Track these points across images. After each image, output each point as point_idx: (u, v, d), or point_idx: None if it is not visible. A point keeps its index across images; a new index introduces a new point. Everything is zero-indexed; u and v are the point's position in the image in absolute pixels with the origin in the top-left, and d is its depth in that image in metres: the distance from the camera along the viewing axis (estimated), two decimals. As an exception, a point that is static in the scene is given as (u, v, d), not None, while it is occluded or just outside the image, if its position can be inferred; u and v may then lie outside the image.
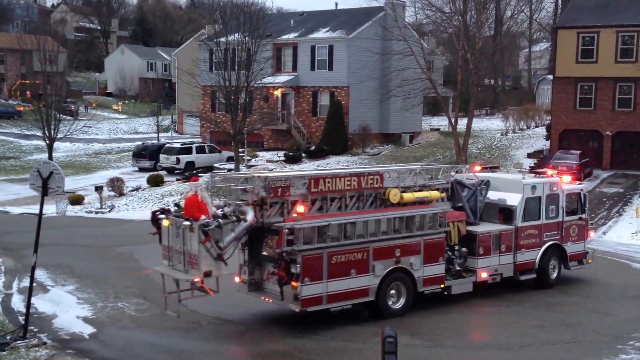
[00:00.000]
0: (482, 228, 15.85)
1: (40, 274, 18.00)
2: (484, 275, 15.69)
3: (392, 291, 14.41)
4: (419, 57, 33.82)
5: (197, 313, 15.01)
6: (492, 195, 16.22)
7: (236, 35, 35.33)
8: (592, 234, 18.53)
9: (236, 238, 13.08)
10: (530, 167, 32.40)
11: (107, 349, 12.97)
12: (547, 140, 39.16)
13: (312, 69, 42.67)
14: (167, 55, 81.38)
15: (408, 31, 38.55)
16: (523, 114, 49.50)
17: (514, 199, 16.07)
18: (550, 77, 42.91)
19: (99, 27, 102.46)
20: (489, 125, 52.15)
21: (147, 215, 30.80)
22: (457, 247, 15.46)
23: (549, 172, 17.94)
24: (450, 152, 37.28)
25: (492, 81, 64.66)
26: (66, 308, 15.46)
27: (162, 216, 13.57)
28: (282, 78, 42.90)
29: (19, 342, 12.82)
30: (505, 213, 16.15)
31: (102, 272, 19.05)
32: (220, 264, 12.82)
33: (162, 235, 13.67)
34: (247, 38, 34.97)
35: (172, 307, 13.53)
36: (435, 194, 15.26)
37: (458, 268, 15.46)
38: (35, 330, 13.81)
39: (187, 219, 12.75)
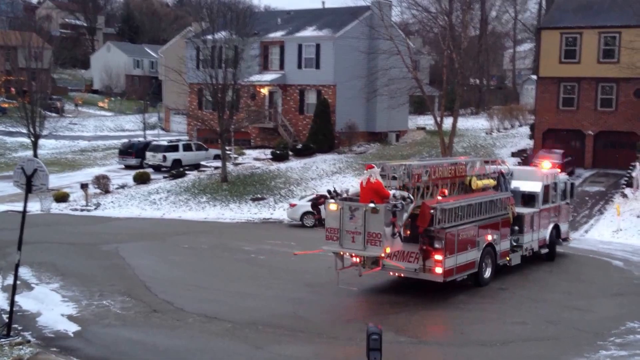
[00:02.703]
0: (523, 210, 18.17)
1: (24, 272, 17.92)
2: (527, 249, 18.39)
3: (483, 263, 16.62)
4: (405, 57, 33.96)
5: (183, 311, 15.04)
6: (513, 183, 18.65)
7: (223, 33, 35.28)
8: (570, 217, 21.62)
9: (407, 218, 14.63)
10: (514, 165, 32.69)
11: (91, 347, 12.92)
12: (530, 139, 39.49)
13: (299, 67, 42.68)
14: (154, 53, 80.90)
15: (394, 30, 38.69)
16: (507, 113, 49.87)
17: (536, 186, 18.74)
18: (534, 77, 43.28)
19: (85, 24, 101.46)
20: (474, 124, 52.47)
21: (133, 213, 31.12)
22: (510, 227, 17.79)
23: (550, 163, 21.09)
24: (436, 150, 37.51)
25: (477, 81, 65.00)
26: (50, 306, 15.41)
27: (332, 201, 14.77)
28: (269, 76, 42.87)
29: (2, 340, 12.74)
30: (528, 198, 18.64)
31: (87, 269, 18.99)
32: (397, 240, 14.32)
33: (325, 219, 14.87)
34: (234, 36, 34.93)
35: (344, 283, 15.30)
36: (492, 181, 17.65)
37: (514, 243, 17.95)
38: (19, 328, 13.77)
39: (372, 202, 14.00)
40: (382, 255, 14.30)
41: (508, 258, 17.61)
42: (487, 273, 16.85)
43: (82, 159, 46.78)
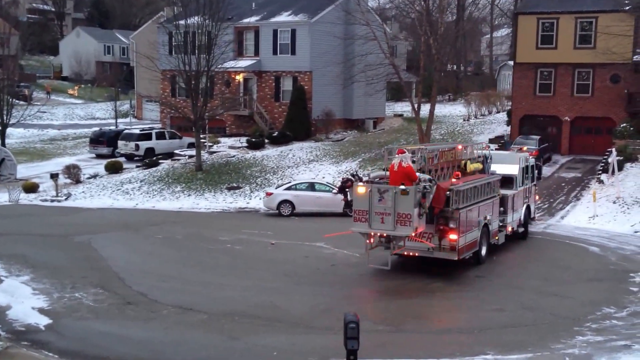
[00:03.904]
0: (506, 192, 18.97)
1: (-7, 265, 17.47)
2: (509, 229, 19.37)
3: (481, 242, 17.35)
4: (381, 42, 33.75)
5: (158, 302, 14.80)
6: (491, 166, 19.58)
7: (196, 18, 34.61)
8: (537, 197, 22.74)
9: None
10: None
11: (63, 340, 12.67)
12: (508, 125, 39.67)
13: (275, 53, 42.13)
14: (125, 38, 79.38)
15: (371, 16, 38.44)
16: (485, 99, 50.04)
17: (513, 169, 19.69)
18: (511, 63, 43.40)
19: (52, 9, 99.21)
20: (451, 111, 52.62)
21: (105, 203, 30.65)
22: None
23: (525, 148, 22.55)
24: (414, 137, 37.47)
25: (455, 67, 65.23)
26: (21, 299, 15.04)
27: (360, 184, 15.44)
28: (243, 62, 42.29)
29: (-30, 335, 12.38)
30: (505, 180, 19.25)
31: (59, 261, 18.59)
32: (423, 220, 15.16)
33: (353, 201, 15.48)
34: (207, 21, 34.28)
35: (376, 261, 16.11)
36: (480, 165, 18.65)
37: (501, 224, 18.71)
38: (-12, 322, 13.40)
39: (402, 184, 14.78)
40: (412, 235, 15.06)
41: (497, 237, 18.47)
42: (484, 251, 17.65)
43: (51, 148, 45.75)
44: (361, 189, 15.23)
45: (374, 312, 14.01)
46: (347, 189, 15.94)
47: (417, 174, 15.30)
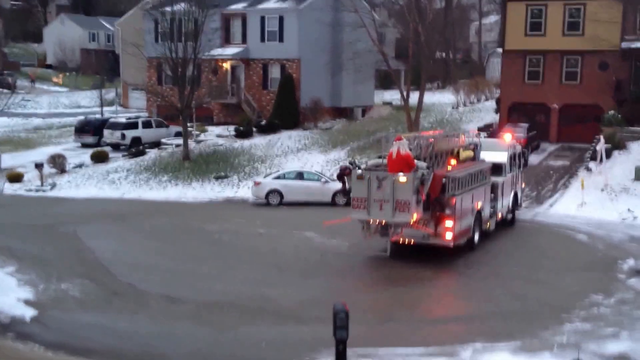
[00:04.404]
0: (495, 179, 19.11)
1: (-24, 256, 17.23)
2: (499, 215, 19.56)
3: (474, 229, 17.51)
4: (370, 29, 33.52)
5: (145, 293, 14.72)
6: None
7: (182, 4, 34.18)
8: (523, 184, 22.98)
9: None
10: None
11: (50, 332, 12.56)
12: (496, 113, 39.63)
13: (262, 40, 41.74)
14: (110, 25, 78.42)
15: (359, 2, 38.11)
16: (474, 87, 49.94)
17: (503, 157, 19.81)
18: (500, 50, 43.31)
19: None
20: (440, 99, 52.50)
21: (91, 193, 30.36)
22: None
23: (504, 134, 22.35)
24: (403, 126, 37.36)
25: (444, 54, 65.04)
26: (6, 291, 14.82)
27: (360, 171, 15.58)
28: (231, 50, 41.88)
29: (-48, 328, 12.19)
30: (495, 167, 19.31)
31: (44, 252, 18.40)
32: (421, 207, 15.35)
33: (352, 189, 15.64)
34: (193, 7, 33.87)
35: (375, 248, 16.46)
36: (471, 152, 18.91)
37: (492, 210, 18.88)
38: (-28, 315, 13.22)
39: (401, 171, 14.91)
40: (411, 221, 15.15)
41: (488, 224, 18.67)
42: (477, 237, 17.80)
43: (36, 137, 45.14)
44: (360, 176, 15.33)
45: (363, 301, 13.94)
46: (345, 177, 16.07)
47: (415, 161, 15.42)
